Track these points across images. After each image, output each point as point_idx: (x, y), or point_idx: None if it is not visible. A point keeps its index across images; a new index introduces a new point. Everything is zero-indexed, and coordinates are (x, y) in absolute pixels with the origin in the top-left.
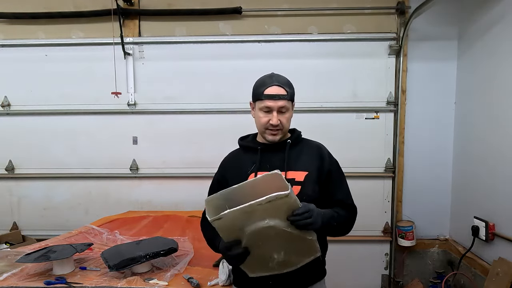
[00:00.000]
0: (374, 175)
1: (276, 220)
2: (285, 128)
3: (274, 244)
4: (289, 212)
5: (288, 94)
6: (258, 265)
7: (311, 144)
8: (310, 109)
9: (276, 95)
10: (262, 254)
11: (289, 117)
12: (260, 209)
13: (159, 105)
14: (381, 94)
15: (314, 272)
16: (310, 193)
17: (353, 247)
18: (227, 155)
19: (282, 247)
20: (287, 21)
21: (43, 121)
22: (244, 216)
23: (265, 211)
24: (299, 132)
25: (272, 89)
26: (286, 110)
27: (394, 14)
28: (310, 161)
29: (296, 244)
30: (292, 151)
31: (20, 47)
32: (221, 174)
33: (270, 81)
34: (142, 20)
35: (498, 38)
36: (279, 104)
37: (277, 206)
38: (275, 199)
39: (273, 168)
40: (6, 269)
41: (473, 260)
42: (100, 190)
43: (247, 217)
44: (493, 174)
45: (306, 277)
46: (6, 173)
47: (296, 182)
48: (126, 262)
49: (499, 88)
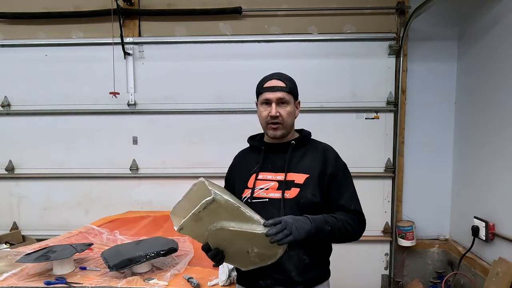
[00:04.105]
0: (374, 175)
1: (222, 222)
2: (285, 122)
3: (240, 242)
4: (230, 212)
5: (287, 87)
6: (242, 261)
7: (318, 146)
8: (310, 109)
9: (275, 87)
10: (238, 252)
11: (290, 111)
12: (205, 216)
13: (159, 105)
14: (381, 94)
15: (318, 273)
16: (309, 196)
17: (353, 247)
18: (238, 153)
19: (249, 243)
20: (287, 21)
21: (43, 121)
22: (197, 223)
23: (210, 216)
24: (306, 133)
25: (271, 82)
26: (285, 102)
27: (394, 14)
28: (313, 163)
29: (258, 239)
30: (296, 153)
31: (20, 47)
32: (230, 173)
33: (270, 77)
34: (142, 20)
35: (498, 38)
36: (278, 95)
37: (214, 210)
38: (206, 205)
39: (274, 169)
40: (6, 269)
41: (473, 260)
42: (100, 190)
43: (201, 224)
44: (493, 174)
45: (309, 278)
46: (6, 173)
47: (295, 184)
48: (126, 262)
49: (499, 88)
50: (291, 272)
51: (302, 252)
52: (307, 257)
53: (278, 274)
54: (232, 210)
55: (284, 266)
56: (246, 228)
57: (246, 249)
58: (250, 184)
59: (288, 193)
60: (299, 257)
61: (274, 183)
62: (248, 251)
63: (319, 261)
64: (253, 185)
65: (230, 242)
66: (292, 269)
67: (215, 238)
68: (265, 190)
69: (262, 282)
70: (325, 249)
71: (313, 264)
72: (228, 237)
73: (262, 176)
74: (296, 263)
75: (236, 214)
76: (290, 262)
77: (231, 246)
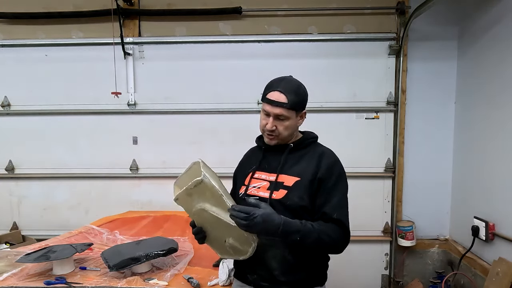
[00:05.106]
0: (374, 175)
1: (206, 204)
2: (281, 135)
3: (219, 229)
4: (214, 197)
5: (288, 103)
6: (219, 248)
7: (316, 150)
8: (310, 109)
9: (274, 102)
10: (217, 238)
11: (289, 125)
12: (194, 193)
13: (159, 105)
14: (381, 94)
15: (306, 276)
16: (296, 200)
17: (353, 247)
18: (247, 151)
19: (227, 232)
20: (287, 21)
21: (43, 121)
22: (189, 198)
23: (199, 195)
24: (308, 137)
25: (274, 95)
26: (284, 118)
27: (394, 14)
28: (307, 167)
29: (233, 230)
30: (293, 155)
31: (20, 47)
32: (237, 168)
33: (276, 85)
34: (142, 20)
35: (498, 38)
36: (276, 111)
37: (202, 191)
38: (196, 184)
39: (270, 169)
40: (6, 269)
41: (473, 260)
42: (100, 190)
43: (191, 200)
44: (493, 175)
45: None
46: (6, 173)
47: (283, 186)
48: (126, 262)
49: (499, 88)
50: (274, 270)
51: (287, 251)
52: (292, 258)
53: (262, 271)
54: (216, 197)
55: (267, 263)
56: (223, 217)
57: (224, 238)
58: (246, 182)
59: (276, 194)
60: (283, 256)
61: (266, 183)
62: (226, 240)
63: (307, 264)
64: (248, 183)
65: (212, 225)
66: (276, 268)
67: (200, 217)
68: (257, 188)
69: (249, 276)
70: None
71: (299, 266)
72: (210, 220)
73: (258, 175)
74: (280, 262)
75: (219, 201)
76: (274, 260)
77: (212, 230)
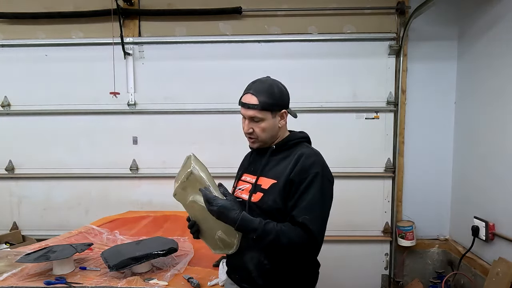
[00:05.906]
0: (374, 175)
1: (197, 196)
2: (260, 137)
3: (210, 222)
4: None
5: (259, 104)
6: (211, 242)
7: (298, 152)
8: (310, 109)
9: (246, 104)
10: (209, 232)
11: (266, 127)
12: (188, 186)
13: (159, 105)
14: (381, 94)
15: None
16: (270, 203)
17: (353, 247)
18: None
19: (216, 226)
20: (287, 21)
21: (43, 121)
22: (184, 192)
23: (191, 188)
24: (295, 137)
25: (245, 97)
26: (259, 120)
27: (394, 14)
28: (284, 169)
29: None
30: (275, 157)
31: (20, 47)
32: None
33: (249, 87)
34: (142, 20)
35: (498, 38)
36: (249, 113)
37: (193, 183)
38: (188, 176)
39: (254, 172)
40: (6, 269)
41: (473, 260)
42: (100, 190)
43: (186, 193)
44: (493, 174)
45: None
46: (6, 173)
47: (261, 189)
48: (126, 262)
49: (499, 88)
50: (252, 272)
51: (263, 255)
52: (268, 262)
53: (242, 272)
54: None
55: (246, 264)
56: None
57: (214, 231)
58: (235, 184)
59: (254, 196)
60: (260, 260)
61: (249, 185)
62: (216, 233)
63: (287, 270)
64: (235, 185)
65: (203, 218)
66: (253, 270)
67: (192, 209)
68: (241, 191)
69: (233, 276)
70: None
71: (276, 271)
72: (201, 212)
73: (244, 178)
74: (256, 265)
75: None
76: (251, 262)
77: (204, 223)
